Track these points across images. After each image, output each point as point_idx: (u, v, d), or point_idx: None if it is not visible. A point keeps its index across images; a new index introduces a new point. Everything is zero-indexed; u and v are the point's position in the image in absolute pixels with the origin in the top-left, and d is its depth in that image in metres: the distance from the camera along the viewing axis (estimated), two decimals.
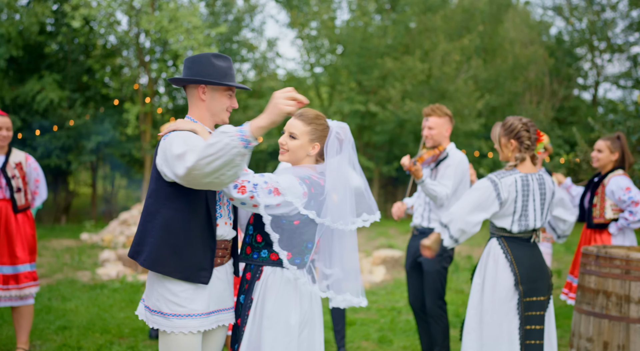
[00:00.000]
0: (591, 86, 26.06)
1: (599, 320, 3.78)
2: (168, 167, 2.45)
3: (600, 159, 4.87)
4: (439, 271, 4.31)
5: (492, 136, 3.61)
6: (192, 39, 12.81)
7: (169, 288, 2.53)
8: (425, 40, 15.49)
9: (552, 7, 26.92)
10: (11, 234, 4.31)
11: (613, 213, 4.79)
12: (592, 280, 3.85)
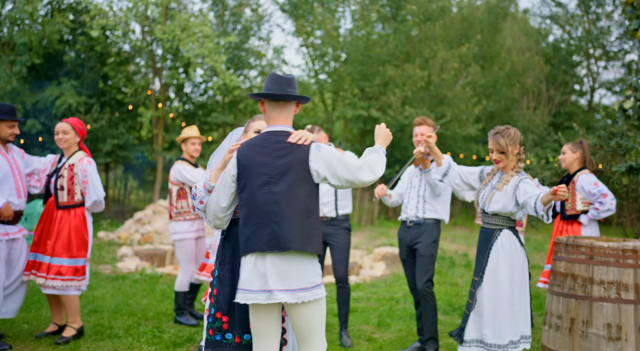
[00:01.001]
0: (587, 92, 26.52)
1: (567, 300, 4.29)
2: (335, 174, 3.02)
3: (565, 160, 5.48)
4: (432, 255, 4.84)
5: (496, 147, 3.90)
6: (204, 48, 13.35)
7: (318, 265, 3.05)
8: (425, 48, 16.00)
9: (549, 15, 27.42)
10: (51, 228, 4.81)
11: (583, 206, 5.39)
12: (562, 265, 4.36)
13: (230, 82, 14.24)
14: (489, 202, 3.95)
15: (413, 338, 5.45)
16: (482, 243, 4.05)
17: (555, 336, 4.35)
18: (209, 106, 17.58)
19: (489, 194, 4.02)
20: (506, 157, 3.94)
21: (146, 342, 4.84)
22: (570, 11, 26.48)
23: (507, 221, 4.01)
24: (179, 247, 5.69)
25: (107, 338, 4.93)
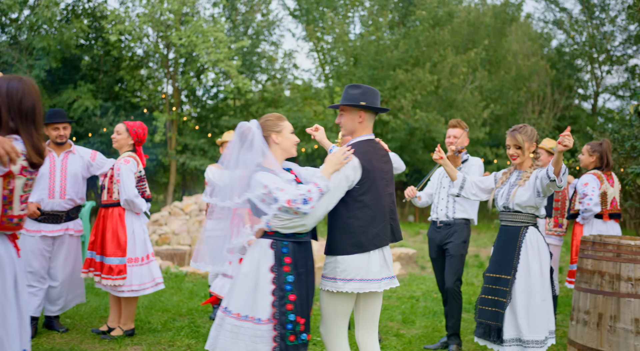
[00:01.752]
0: (591, 96, 26.66)
1: (594, 296, 4.43)
2: None
3: (582, 161, 5.60)
4: (462, 255, 4.98)
5: (513, 142, 4.07)
6: (218, 53, 13.52)
7: None
8: (434, 53, 16.16)
9: (553, 20, 27.57)
10: (98, 227, 4.96)
11: (579, 205, 5.48)
12: (589, 263, 4.50)
13: (243, 86, 14.41)
14: (513, 197, 4.04)
15: (439, 334, 5.58)
16: (508, 241, 4.09)
17: (583, 331, 4.49)
18: (219, 110, 17.76)
19: (509, 191, 4.11)
20: (522, 153, 4.09)
21: (186, 336, 4.98)
22: (574, 16, 26.65)
23: (531, 217, 4.14)
24: None
25: (147, 332, 5.08)
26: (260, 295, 3.09)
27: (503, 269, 4.10)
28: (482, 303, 4.12)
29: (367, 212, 3.26)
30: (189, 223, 11.87)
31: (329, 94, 17.27)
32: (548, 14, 30.40)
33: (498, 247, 4.19)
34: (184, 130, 16.69)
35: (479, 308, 4.13)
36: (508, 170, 4.29)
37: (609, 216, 5.39)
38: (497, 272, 4.11)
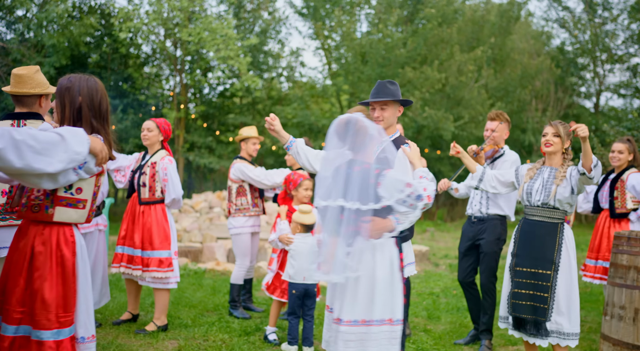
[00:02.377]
0: (593, 95, 26.71)
1: (630, 291, 4.44)
2: None
3: (621, 159, 5.57)
4: (496, 252, 4.97)
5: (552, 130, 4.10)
6: (229, 50, 13.50)
7: None
8: (442, 51, 16.16)
9: (555, 19, 27.61)
10: (136, 222, 4.95)
11: (633, 204, 5.48)
12: (624, 258, 4.50)
13: (252, 83, 14.39)
14: (554, 195, 4.04)
15: (465, 329, 5.59)
16: (546, 236, 4.07)
17: (618, 326, 4.49)
18: (225, 107, 17.74)
19: (547, 187, 4.11)
20: (560, 142, 4.10)
21: (218, 331, 4.98)
22: (577, 15, 26.69)
23: (565, 214, 4.17)
24: (235, 241, 5.82)
25: (179, 327, 5.07)
26: (397, 295, 3.04)
27: (541, 264, 4.08)
28: (516, 297, 4.10)
29: None
30: (200, 220, 11.85)
31: (335, 92, 17.26)
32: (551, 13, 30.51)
33: (532, 242, 4.14)
34: (191, 128, 16.66)
35: (512, 302, 4.11)
36: (534, 166, 4.29)
37: None
38: (533, 267, 4.08)
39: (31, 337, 2.49)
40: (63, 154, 2.34)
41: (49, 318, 2.50)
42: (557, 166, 4.18)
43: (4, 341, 2.47)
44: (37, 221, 2.60)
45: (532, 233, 4.18)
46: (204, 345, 4.60)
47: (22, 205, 2.62)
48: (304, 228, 4.56)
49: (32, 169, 2.26)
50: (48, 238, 2.57)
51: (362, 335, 2.94)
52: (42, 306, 2.50)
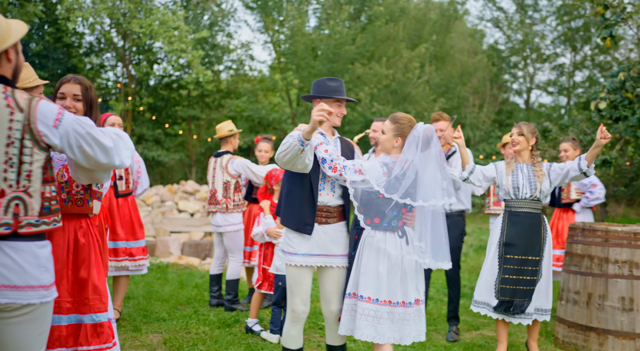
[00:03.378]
0: (524, 92, 27.98)
1: (584, 277, 4.83)
2: None
3: (569, 157, 6.01)
4: (460, 246, 5.26)
5: (517, 130, 4.47)
6: (182, 43, 13.31)
7: (288, 236, 3.56)
8: (389, 48, 16.53)
9: (490, 18, 28.67)
10: (112, 215, 4.93)
11: (577, 195, 5.97)
12: (579, 247, 4.89)
13: (204, 76, 14.26)
14: (539, 188, 4.38)
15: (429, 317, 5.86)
16: (534, 226, 4.38)
17: (572, 309, 4.88)
18: (172, 100, 17.47)
19: (532, 181, 4.42)
20: (524, 140, 4.47)
21: (197, 323, 5.03)
22: (510, 15, 27.81)
23: (540, 205, 4.51)
24: (232, 237, 5.74)
25: (156, 321, 5.08)
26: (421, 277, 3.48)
27: (530, 251, 4.38)
28: (505, 282, 4.39)
29: None
30: (152, 214, 11.68)
31: (285, 87, 17.32)
32: (486, 12, 31.63)
33: (522, 232, 4.39)
34: (138, 120, 16.32)
35: (500, 287, 4.39)
36: (510, 163, 4.59)
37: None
38: (523, 254, 4.37)
39: (85, 321, 2.59)
40: (127, 151, 2.43)
41: (103, 301, 2.64)
42: (527, 162, 4.51)
43: (62, 331, 2.57)
44: (79, 214, 2.69)
45: (522, 223, 4.42)
46: (187, 337, 4.65)
47: (65, 200, 2.66)
48: None
49: (122, 164, 2.38)
50: (87, 230, 2.69)
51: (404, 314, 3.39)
52: (95, 291, 2.62)
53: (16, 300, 2.12)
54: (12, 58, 2.27)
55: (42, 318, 2.22)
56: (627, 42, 21.63)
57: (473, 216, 19.21)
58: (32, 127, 2.18)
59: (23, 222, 2.17)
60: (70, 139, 2.25)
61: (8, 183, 2.15)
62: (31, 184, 2.19)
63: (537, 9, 27.51)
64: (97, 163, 2.33)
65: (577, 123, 8.55)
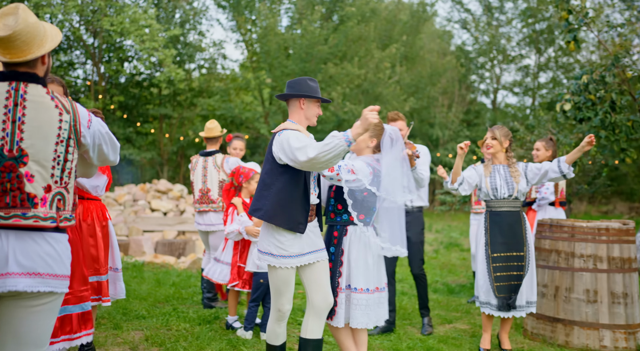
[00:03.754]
0: (491, 92, 28.54)
1: (552, 271, 5.04)
2: (285, 155, 3.35)
3: (539, 156, 6.22)
4: (422, 241, 5.39)
5: (490, 135, 4.66)
6: (154, 41, 13.22)
7: (277, 238, 3.46)
8: (361, 48, 16.70)
9: (458, 20, 29.15)
10: None
11: (536, 194, 6.17)
12: (547, 243, 5.10)
13: (176, 75, 14.18)
14: (516, 187, 4.57)
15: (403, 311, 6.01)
16: (514, 223, 4.56)
17: (541, 302, 5.09)
18: (142, 98, 17.32)
19: (509, 182, 4.60)
20: (498, 143, 4.66)
21: (178, 320, 5.07)
22: (477, 17, 28.32)
23: (519, 202, 4.71)
24: (219, 236, 5.71)
25: (136, 319, 5.10)
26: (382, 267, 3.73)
27: (514, 247, 4.56)
28: (498, 280, 4.53)
29: None
30: (125, 214, 11.59)
31: (257, 86, 17.33)
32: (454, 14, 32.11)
33: (504, 230, 4.57)
34: (109, 118, 16.13)
35: (495, 285, 4.52)
36: (487, 165, 4.77)
37: (559, 203, 6.07)
38: (508, 251, 4.54)
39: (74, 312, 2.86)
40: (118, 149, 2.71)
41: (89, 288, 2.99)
42: (503, 163, 4.69)
43: None
44: None
45: (503, 222, 4.60)
46: (168, 333, 4.69)
47: None
48: None
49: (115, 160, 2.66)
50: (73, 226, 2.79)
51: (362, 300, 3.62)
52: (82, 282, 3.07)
53: (55, 289, 2.26)
54: (47, 61, 2.40)
55: (56, 307, 2.33)
56: (589, 44, 22.26)
57: (443, 213, 19.55)
58: (76, 127, 2.34)
59: (62, 216, 2.32)
60: (96, 138, 2.45)
61: (54, 179, 2.30)
62: (70, 181, 2.36)
63: (503, 11, 28.10)
64: (106, 160, 2.53)
65: (543, 124, 8.83)
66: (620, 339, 4.74)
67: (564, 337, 4.88)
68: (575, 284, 4.88)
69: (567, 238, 4.96)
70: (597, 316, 4.79)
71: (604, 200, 23.60)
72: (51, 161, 2.27)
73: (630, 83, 7.97)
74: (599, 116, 7.61)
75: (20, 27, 2.23)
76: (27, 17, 2.28)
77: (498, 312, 4.55)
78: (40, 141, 2.26)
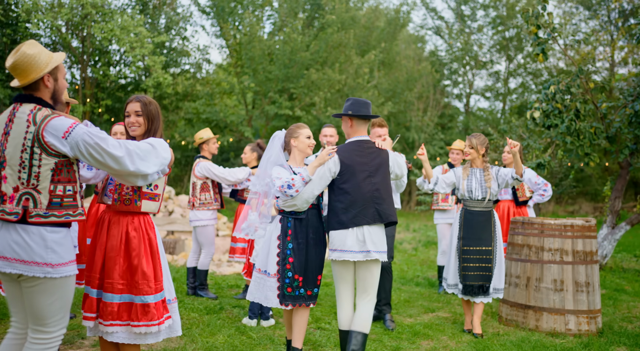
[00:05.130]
0: (464, 97, 29.35)
1: (524, 264, 5.58)
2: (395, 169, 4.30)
3: (508, 158, 6.83)
4: (393, 235, 5.84)
5: (469, 143, 5.21)
6: (144, 48, 13.50)
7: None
8: (341, 54, 17.20)
9: (431, 27, 29.89)
10: None
11: (529, 193, 6.83)
12: (519, 238, 5.64)
13: (164, 80, 14.48)
14: (489, 191, 5.11)
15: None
16: (485, 222, 5.12)
17: (514, 291, 5.63)
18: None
19: (483, 185, 5.13)
20: (474, 151, 5.23)
21: (186, 311, 5.47)
22: (450, 24, 29.10)
23: (491, 203, 5.24)
24: (201, 232, 6.31)
25: None
26: (271, 256, 4.08)
27: (484, 242, 5.12)
28: (465, 270, 5.11)
29: (347, 197, 4.00)
30: None
31: (241, 90, 17.69)
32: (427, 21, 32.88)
33: (475, 227, 5.13)
34: (96, 122, 16.32)
35: (462, 274, 5.12)
36: (465, 168, 5.30)
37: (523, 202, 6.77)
38: (478, 245, 5.11)
39: (135, 302, 3.05)
40: (155, 160, 2.96)
41: (150, 285, 3.08)
42: (480, 167, 5.24)
43: (113, 307, 3.04)
44: (128, 212, 3.12)
45: (474, 220, 5.17)
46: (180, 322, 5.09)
47: (115, 200, 3.12)
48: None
49: (138, 171, 2.87)
50: (138, 225, 3.13)
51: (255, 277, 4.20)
52: (143, 277, 3.07)
53: (23, 272, 2.71)
54: (48, 84, 2.86)
55: (51, 290, 2.76)
56: (555, 52, 23.13)
57: (419, 214, 20.18)
58: (39, 137, 2.74)
59: (33, 213, 2.74)
60: (80, 148, 2.77)
61: (21, 181, 2.74)
62: (39, 183, 2.75)
63: (474, 19, 28.94)
64: (110, 168, 2.84)
65: (515, 129, 9.43)
66: (583, 323, 5.31)
67: (535, 322, 5.42)
68: (544, 275, 5.43)
69: (537, 233, 5.51)
70: (563, 303, 5.34)
71: (570, 200, 24.52)
72: (17, 165, 2.73)
73: (593, 93, 8.61)
74: (565, 123, 8.24)
75: (19, 58, 2.75)
76: (26, 50, 2.78)
77: (466, 296, 5.13)
78: (12, 149, 2.74)
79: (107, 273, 3.07)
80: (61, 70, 2.92)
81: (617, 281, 8.20)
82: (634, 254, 11.23)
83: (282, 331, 5.09)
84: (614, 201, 9.14)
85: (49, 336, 2.78)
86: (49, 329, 2.78)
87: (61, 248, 2.77)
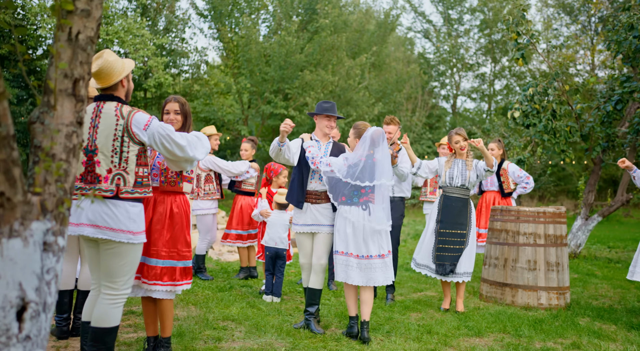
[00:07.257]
0: (451, 98, 30.04)
1: (502, 246, 6.19)
2: None
3: (494, 154, 7.42)
4: (399, 225, 6.42)
5: (463, 136, 5.74)
6: (147, 50, 14.00)
7: (294, 213, 4.88)
8: (333, 56, 17.78)
9: (420, 30, 30.56)
10: None
11: (513, 185, 7.42)
12: (498, 224, 6.25)
13: (165, 81, 14.98)
14: (468, 179, 5.67)
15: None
16: (462, 207, 5.66)
17: (493, 271, 6.23)
18: (130, 102, 18.01)
19: (463, 174, 5.69)
20: (466, 144, 5.76)
21: (200, 289, 6.02)
22: (438, 27, 29.78)
23: (469, 192, 5.81)
24: (201, 220, 6.85)
25: None
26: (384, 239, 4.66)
27: (459, 226, 5.64)
28: (440, 250, 5.65)
29: None
30: None
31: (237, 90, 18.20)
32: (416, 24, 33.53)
33: (452, 212, 5.66)
34: None
35: (436, 254, 5.65)
36: (450, 158, 5.88)
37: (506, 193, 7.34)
38: (453, 228, 5.63)
39: (177, 266, 3.65)
40: (202, 148, 3.53)
41: (190, 252, 3.73)
42: (464, 158, 5.80)
43: (157, 270, 3.63)
44: (173, 191, 3.73)
45: (452, 206, 5.68)
46: (196, 298, 5.65)
47: (162, 182, 3.72)
48: (279, 206, 5.78)
49: (195, 157, 3.45)
50: (180, 203, 3.74)
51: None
52: (185, 245, 3.70)
53: (111, 237, 3.25)
54: (125, 84, 3.44)
55: (124, 253, 3.30)
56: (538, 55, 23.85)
57: (408, 209, 20.81)
58: (128, 129, 3.29)
59: (123, 190, 3.29)
60: (155, 138, 3.34)
61: (113, 164, 3.27)
62: (128, 165, 3.31)
63: (461, 22, 29.64)
64: (175, 155, 3.41)
65: (497, 128, 10.05)
66: (553, 298, 5.92)
67: (511, 298, 6.03)
68: (519, 256, 6.04)
69: (514, 219, 6.11)
70: (536, 280, 5.95)
71: (552, 198, 25.27)
72: (111, 152, 3.24)
73: (569, 95, 9.25)
74: (542, 122, 8.87)
75: (103, 64, 3.31)
76: (108, 57, 3.35)
77: (437, 275, 5.65)
78: (104, 139, 3.25)
79: (153, 242, 3.64)
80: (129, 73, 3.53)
81: (589, 267, 8.85)
82: (607, 245, 11.92)
83: (287, 305, 5.66)
84: (588, 194, 9.79)
85: (117, 292, 3.32)
86: (118, 286, 3.31)
87: (139, 218, 3.32)
